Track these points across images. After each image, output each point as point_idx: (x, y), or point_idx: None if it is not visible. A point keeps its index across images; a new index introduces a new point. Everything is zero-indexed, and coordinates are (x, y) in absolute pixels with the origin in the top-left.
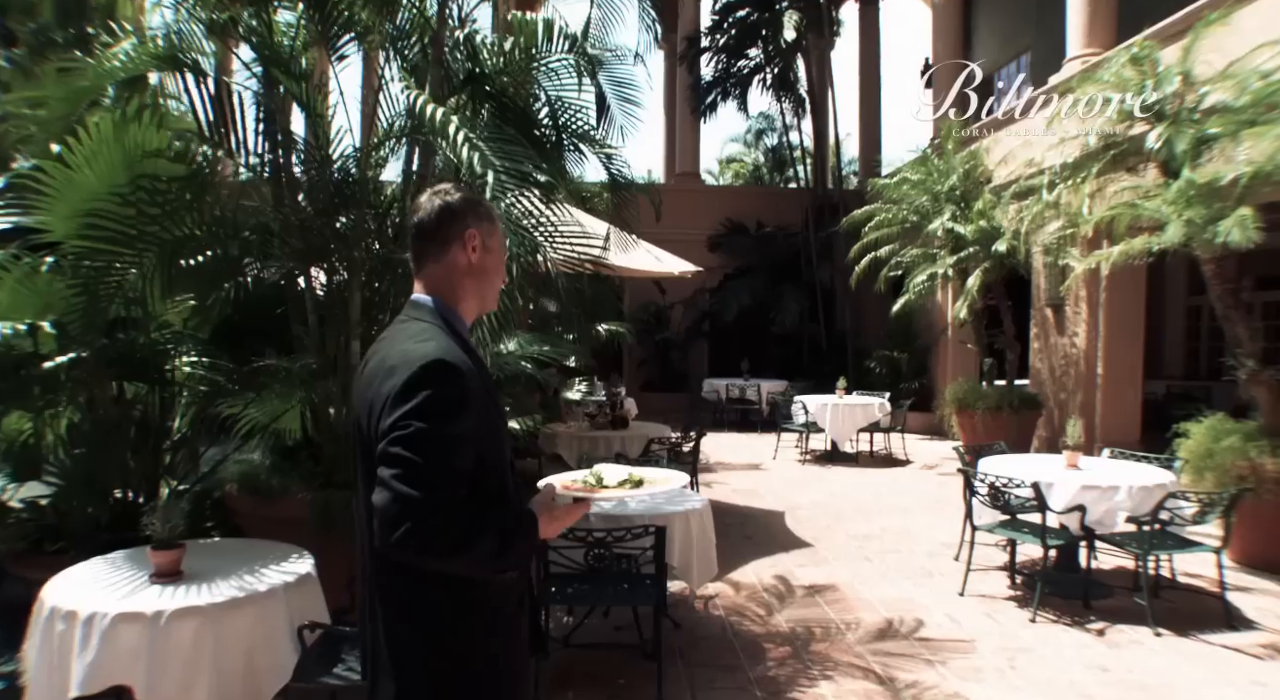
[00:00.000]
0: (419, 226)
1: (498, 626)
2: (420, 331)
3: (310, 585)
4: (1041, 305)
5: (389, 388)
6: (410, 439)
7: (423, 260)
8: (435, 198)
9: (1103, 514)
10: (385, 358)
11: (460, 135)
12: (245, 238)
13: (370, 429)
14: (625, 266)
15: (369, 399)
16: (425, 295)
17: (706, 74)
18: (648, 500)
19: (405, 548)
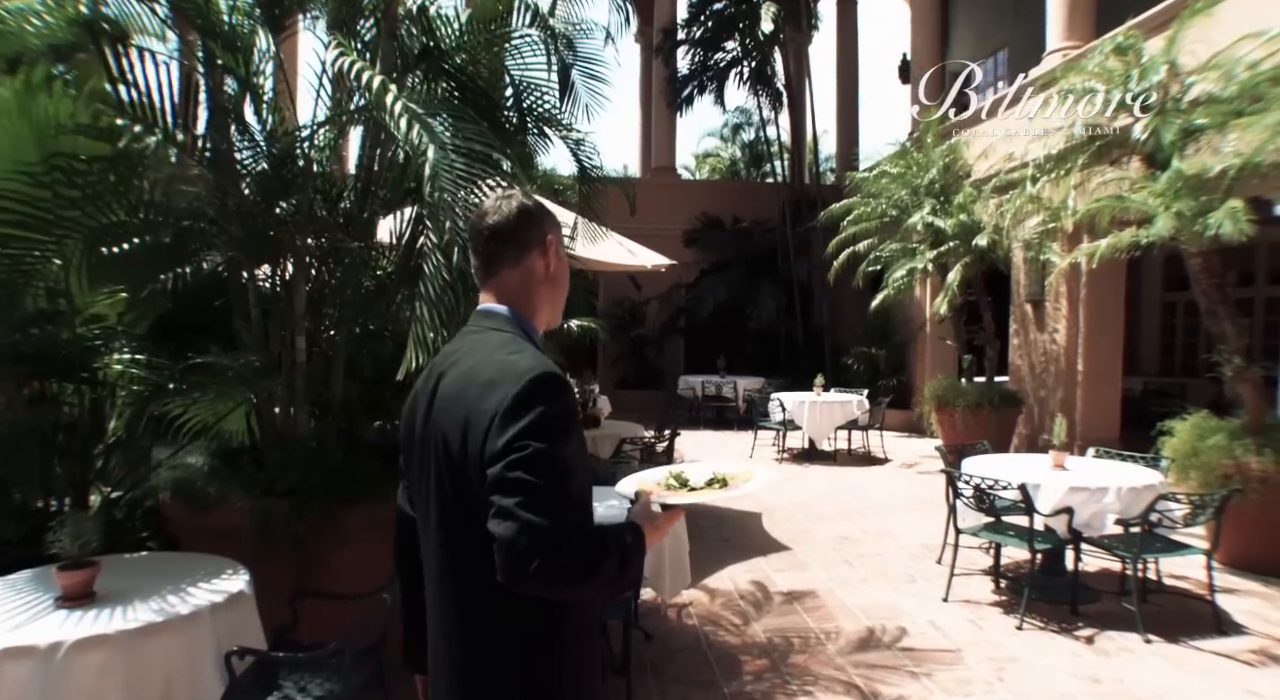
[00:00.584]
0: (494, 229)
1: (593, 654)
2: (508, 342)
3: (243, 605)
4: (1021, 301)
5: (493, 404)
6: (529, 461)
7: (496, 266)
8: (510, 200)
9: (1091, 516)
10: (475, 370)
11: (398, 105)
12: (180, 225)
13: (466, 449)
14: (596, 259)
15: (461, 416)
16: (498, 304)
17: (683, 67)
18: (615, 506)
19: (536, 580)
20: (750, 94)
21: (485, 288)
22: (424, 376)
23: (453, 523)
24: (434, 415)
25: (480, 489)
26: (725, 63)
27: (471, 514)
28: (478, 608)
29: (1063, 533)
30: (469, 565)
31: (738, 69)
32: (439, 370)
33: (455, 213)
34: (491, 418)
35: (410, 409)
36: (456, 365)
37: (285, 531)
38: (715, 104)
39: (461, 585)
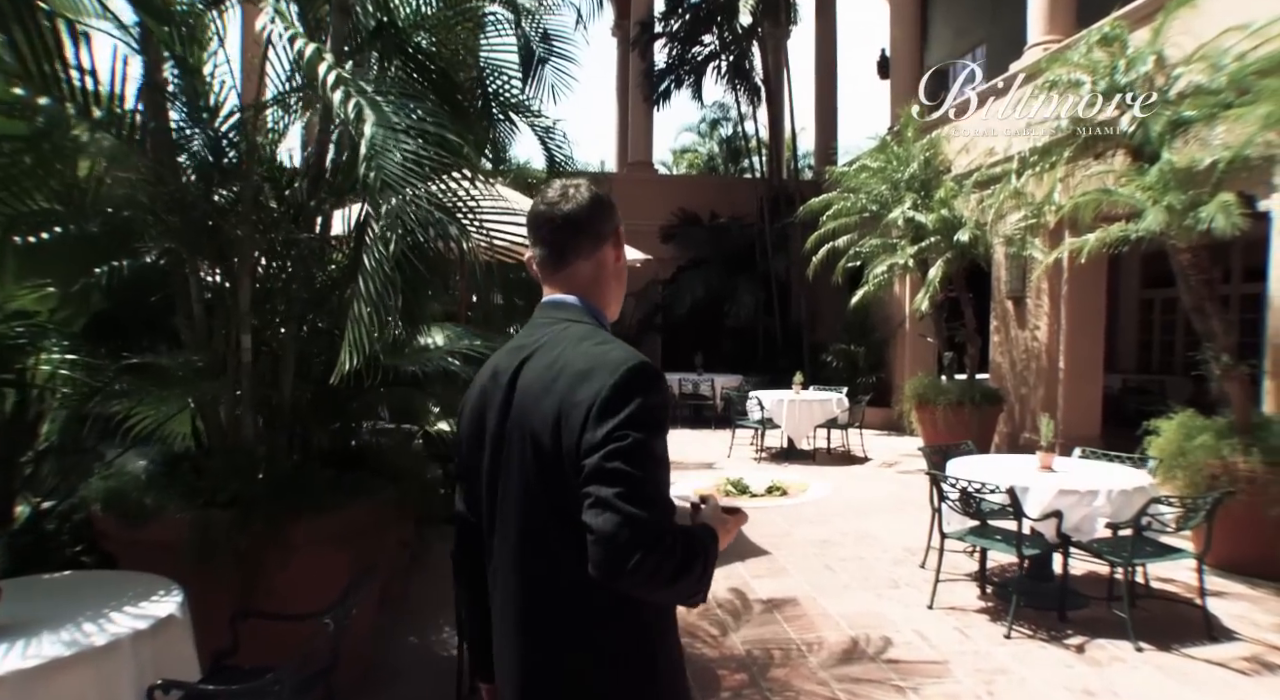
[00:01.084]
0: (569, 218)
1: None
2: (591, 333)
3: (173, 630)
4: (1002, 297)
5: (588, 395)
6: (629, 452)
7: (570, 255)
8: (581, 188)
9: (1080, 520)
10: (563, 362)
11: (331, 75)
12: (114, 214)
13: (559, 443)
14: None
15: (551, 409)
16: (568, 295)
17: (660, 61)
18: None
19: (635, 575)
20: (728, 88)
21: (553, 278)
22: (489, 373)
23: (539, 521)
24: (515, 411)
25: (574, 483)
26: (703, 57)
27: (563, 510)
28: (567, 609)
29: (1051, 537)
30: (557, 564)
31: (715, 63)
32: (512, 364)
33: (402, 197)
34: (588, 409)
35: (476, 408)
36: (537, 358)
37: (227, 546)
38: (693, 99)
39: (547, 586)
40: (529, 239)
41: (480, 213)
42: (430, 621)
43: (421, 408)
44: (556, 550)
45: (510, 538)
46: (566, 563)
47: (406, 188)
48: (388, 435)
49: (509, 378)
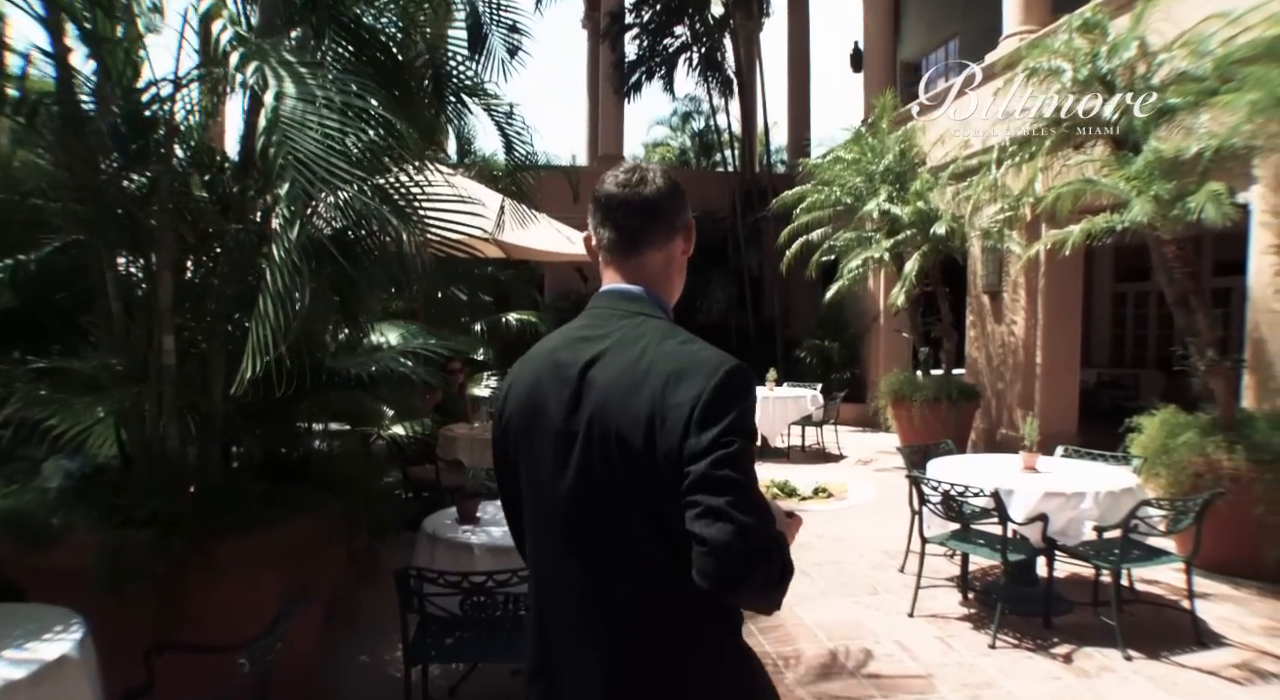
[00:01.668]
0: (647, 202)
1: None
2: (671, 329)
3: (68, 672)
4: (978, 292)
5: (687, 397)
6: (735, 459)
7: (643, 243)
8: (655, 170)
9: (1066, 523)
10: (649, 360)
11: (225, 34)
12: (19, 200)
13: (654, 446)
14: (529, 247)
15: (641, 410)
16: (633, 285)
17: (631, 53)
18: None
19: (748, 585)
20: (700, 81)
21: (620, 266)
22: (546, 363)
23: (627, 525)
24: (593, 408)
25: (671, 488)
26: (674, 49)
27: (655, 516)
28: (657, 615)
29: (1036, 541)
30: (643, 567)
31: (687, 55)
32: (580, 357)
33: (313, 178)
34: (690, 412)
35: (531, 399)
36: (614, 353)
37: (145, 570)
38: (665, 91)
39: (635, 593)
40: (593, 219)
41: (430, 203)
42: (383, 639)
43: (374, 411)
44: (645, 555)
45: (583, 540)
46: (654, 567)
47: (331, 170)
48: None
49: (578, 370)
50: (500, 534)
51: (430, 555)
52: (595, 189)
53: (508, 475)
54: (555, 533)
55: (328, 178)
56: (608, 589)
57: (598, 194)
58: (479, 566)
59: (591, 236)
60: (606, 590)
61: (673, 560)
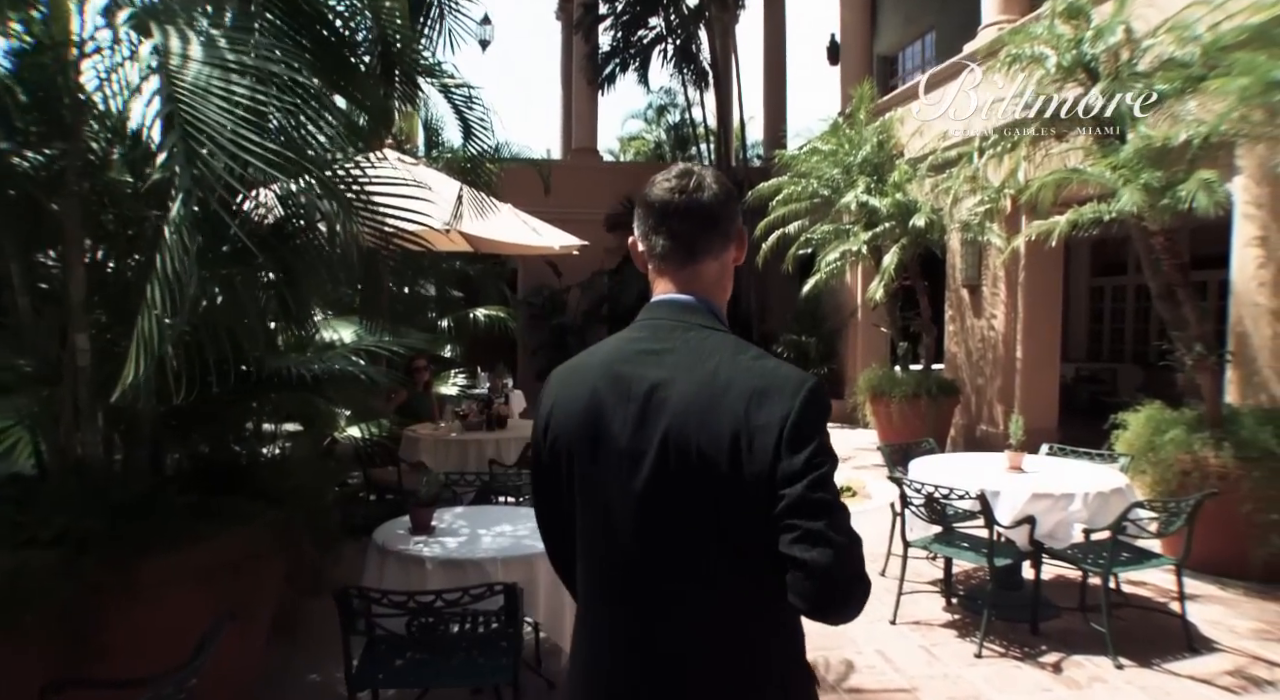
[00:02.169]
0: (706, 209)
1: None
2: (741, 344)
3: None
4: (958, 286)
5: (774, 417)
6: (827, 481)
7: (700, 252)
8: (710, 176)
9: (1055, 526)
10: (727, 376)
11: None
12: None
13: (740, 467)
14: (496, 240)
15: (724, 429)
16: (687, 295)
17: (605, 43)
18: (507, 534)
19: (849, 607)
20: (675, 72)
21: (675, 274)
22: (603, 374)
23: (692, 543)
24: (666, 426)
25: (755, 509)
26: (649, 40)
27: (729, 534)
28: (718, 632)
29: (1023, 544)
30: (711, 587)
31: (661, 47)
32: (643, 371)
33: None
34: (779, 433)
35: (587, 412)
36: (682, 368)
37: (47, 597)
38: (639, 83)
39: (696, 611)
40: (644, 225)
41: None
42: (332, 654)
43: (328, 413)
44: (716, 572)
45: (653, 558)
46: (724, 583)
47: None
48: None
49: (646, 387)
50: (455, 545)
51: (380, 569)
52: (645, 194)
53: (551, 494)
54: (620, 550)
55: (236, 151)
56: (678, 607)
57: (650, 199)
58: (431, 582)
59: (639, 243)
60: (676, 608)
61: (743, 578)
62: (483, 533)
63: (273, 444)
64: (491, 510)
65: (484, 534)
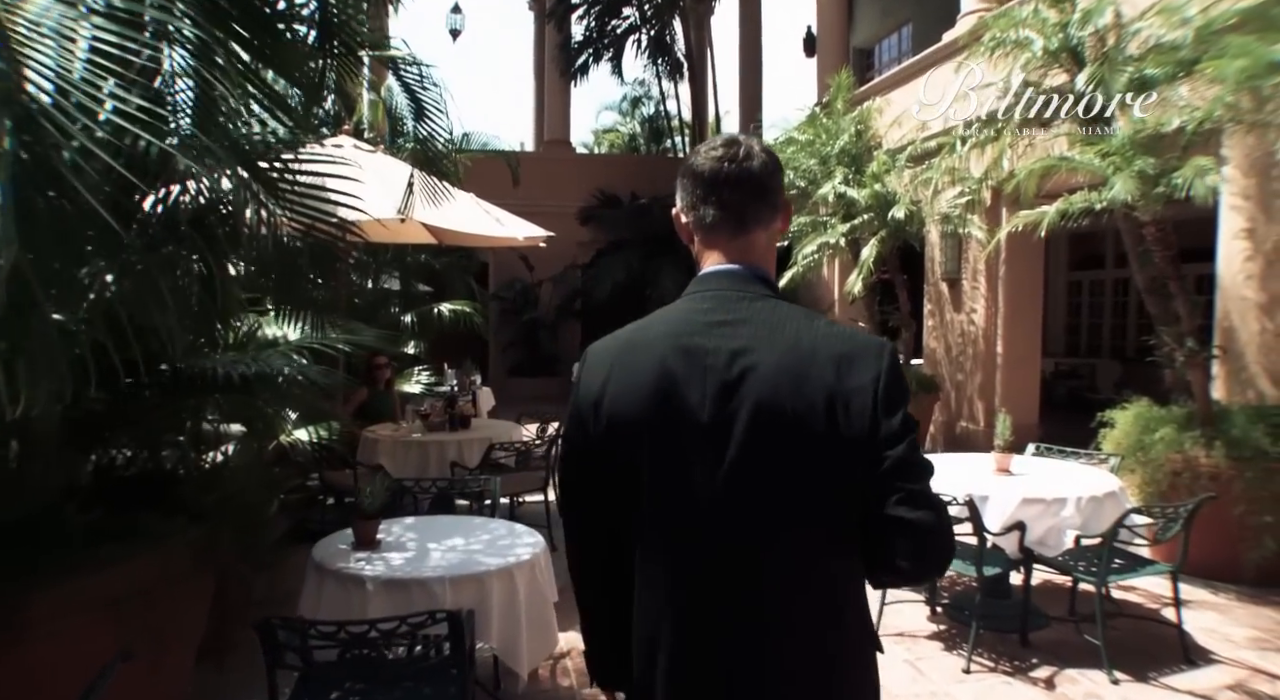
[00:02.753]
0: (756, 178)
1: None
2: (808, 311)
3: None
4: (937, 280)
5: (865, 379)
6: (916, 443)
7: (750, 222)
8: (757, 145)
9: (1046, 532)
10: (808, 343)
11: None
12: None
13: (838, 432)
14: (461, 231)
15: (817, 396)
16: (738, 265)
17: (577, 33)
18: (459, 549)
19: (945, 563)
20: (649, 63)
21: (726, 245)
22: (673, 349)
23: (787, 513)
24: (751, 397)
25: (855, 472)
26: (623, 30)
27: (825, 501)
28: (804, 600)
29: (1013, 552)
30: (802, 556)
31: (635, 37)
32: (717, 343)
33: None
34: (873, 396)
35: (660, 389)
36: (760, 338)
37: None
38: (613, 74)
39: (786, 581)
40: (690, 196)
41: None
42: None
43: (270, 416)
44: (807, 540)
45: (743, 530)
46: (813, 552)
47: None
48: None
49: (725, 358)
50: (401, 562)
51: (318, 590)
52: (691, 164)
53: (597, 479)
54: (706, 525)
55: (85, 101)
56: (771, 578)
57: (697, 169)
58: (372, 605)
59: (682, 214)
60: (769, 579)
61: (833, 545)
62: (433, 547)
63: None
64: (444, 521)
65: (434, 549)
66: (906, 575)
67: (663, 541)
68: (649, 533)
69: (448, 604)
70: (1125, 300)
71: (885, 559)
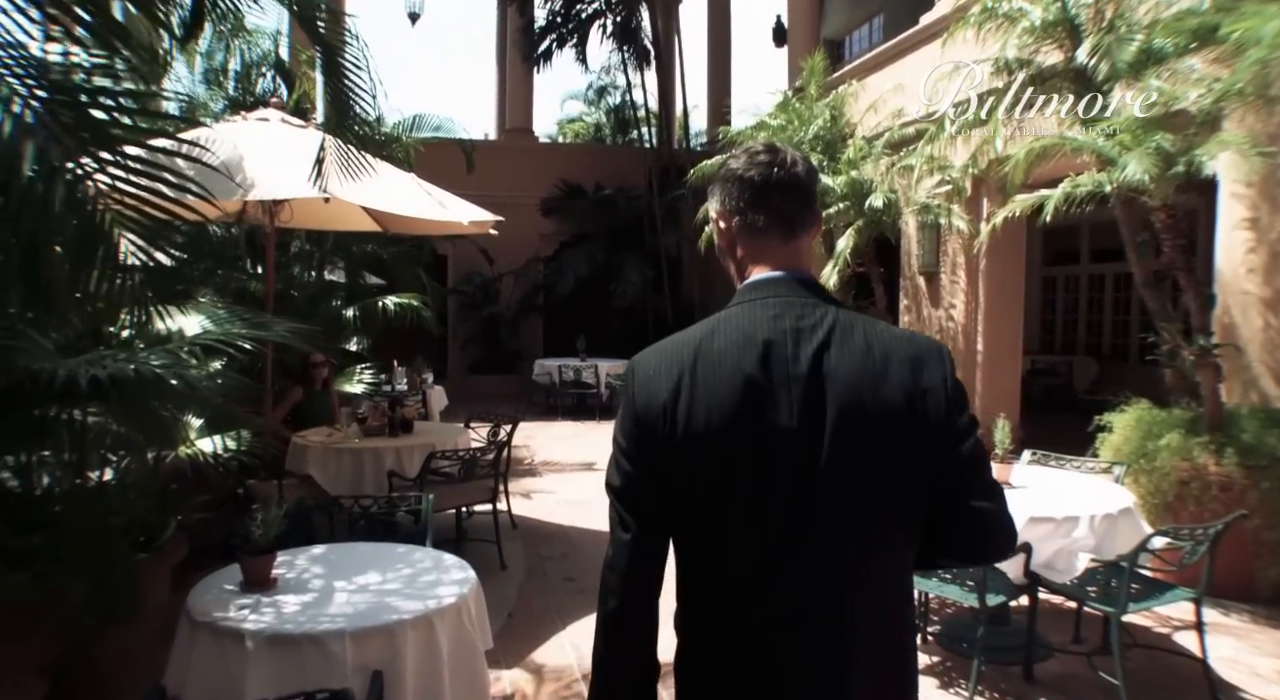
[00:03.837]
0: (803, 184)
1: None
2: (863, 315)
3: None
4: (913, 273)
5: (934, 380)
6: (980, 438)
7: (798, 228)
8: (799, 156)
9: (1054, 555)
10: (881, 346)
11: None
12: None
13: (919, 434)
14: (387, 211)
15: (896, 398)
16: (785, 271)
17: (540, 18)
18: (372, 588)
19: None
20: (615, 49)
21: (776, 252)
22: (753, 359)
23: (878, 513)
24: (837, 402)
25: (933, 470)
26: (588, 15)
27: (915, 497)
28: (905, 604)
29: (1017, 577)
30: (889, 553)
31: (601, 22)
32: (796, 350)
33: None
34: (944, 395)
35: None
36: (836, 343)
37: None
38: (577, 61)
39: (877, 579)
40: (736, 202)
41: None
42: None
43: (170, 423)
44: (897, 541)
45: (834, 535)
46: (898, 551)
47: None
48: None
49: (807, 365)
50: (296, 608)
51: (189, 648)
52: (735, 170)
53: (664, 489)
54: (795, 527)
55: None
56: (857, 576)
57: (744, 175)
58: (252, 668)
59: (722, 219)
60: (856, 577)
61: (910, 540)
62: (340, 587)
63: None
64: (361, 550)
65: (340, 590)
66: (972, 561)
67: (747, 547)
68: (730, 538)
69: (349, 664)
70: (1100, 296)
71: (957, 549)
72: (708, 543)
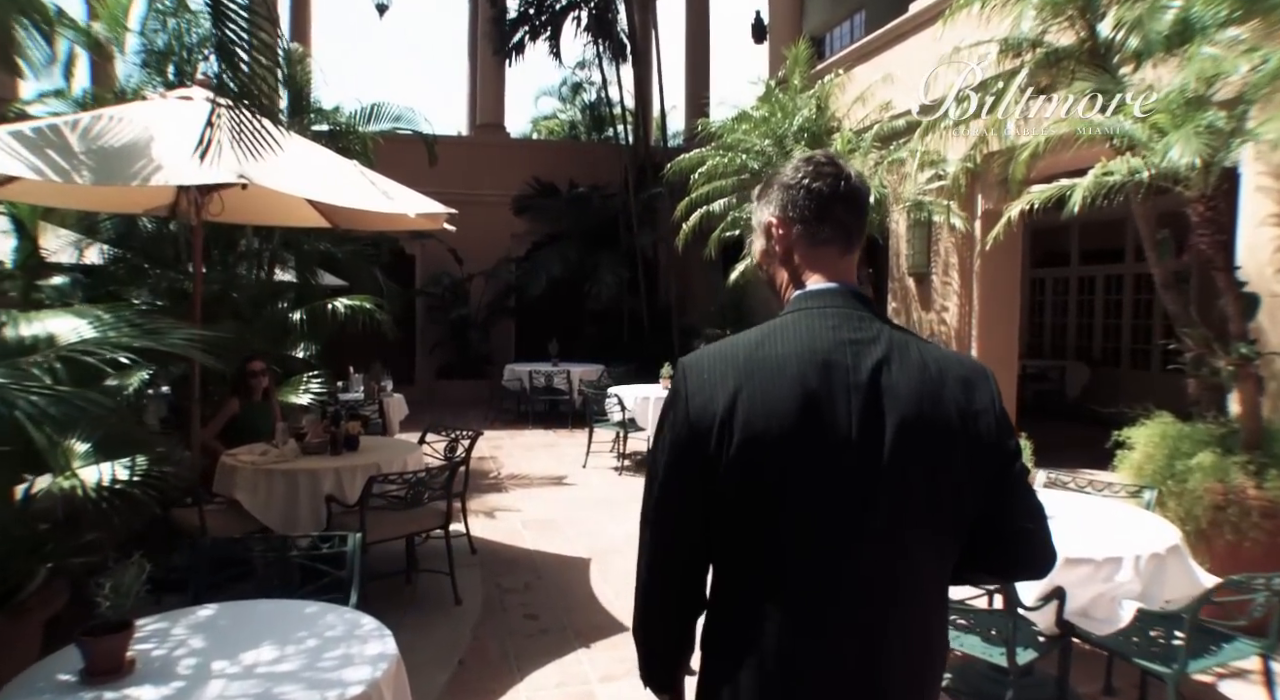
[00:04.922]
0: (863, 198)
1: None
2: (913, 332)
3: None
4: (902, 275)
5: (984, 401)
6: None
7: (855, 241)
8: (853, 168)
9: (1094, 602)
10: (936, 365)
11: None
12: None
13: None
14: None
15: (951, 415)
16: (838, 283)
17: (512, 8)
18: (259, 672)
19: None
20: (590, 42)
21: (834, 264)
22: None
23: (931, 527)
24: (897, 416)
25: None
26: (561, 6)
27: (963, 512)
28: (942, 609)
29: (1048, 627)
30: (942, 568)
31: (575, 14)
32: (856, 362)
33: None
34: (994, 417)
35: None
36: (894, 358)
37: None
38: (551, 54)
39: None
40: (800, 212)
41: None
42: None
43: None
44: (947, 558)
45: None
46: (948, 566)
47: None
48: None
49: (868, 376)
50: None
51: None
52: (800, 180)
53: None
54: (850, 540)
55: None
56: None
57: (809, 185)
58: None
59: (781, 226)
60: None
61: (954, 555)
62: (219, 668)
63: None
64: (261, 611)
65: (219, 673)
66: (1013, 579)
67: (800, 555)
68: (785, 547)
69: None
70: (1090, 299)
71: (999, 566)
72: (749, 548)
